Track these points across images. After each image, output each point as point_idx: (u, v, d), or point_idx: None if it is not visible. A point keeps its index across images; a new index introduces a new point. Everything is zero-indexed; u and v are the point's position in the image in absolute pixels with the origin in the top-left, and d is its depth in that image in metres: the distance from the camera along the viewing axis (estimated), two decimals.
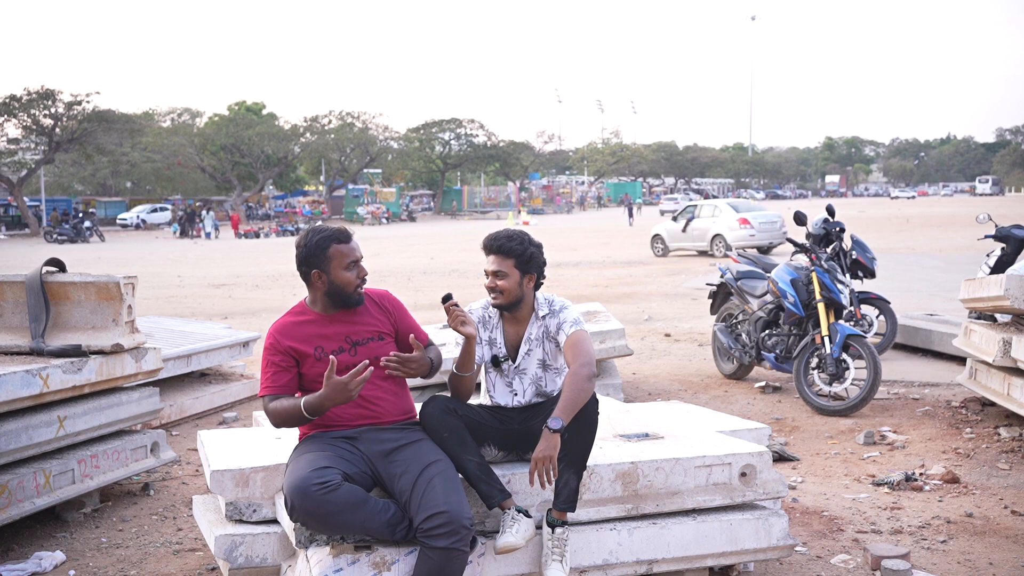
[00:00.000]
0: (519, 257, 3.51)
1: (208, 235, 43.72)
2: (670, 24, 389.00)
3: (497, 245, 3.51)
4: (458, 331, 3.36)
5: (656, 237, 24.85)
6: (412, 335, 3.33)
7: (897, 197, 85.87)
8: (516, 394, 3.58)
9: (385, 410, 3.37)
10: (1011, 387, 5.69)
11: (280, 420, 3.28)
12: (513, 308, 3.55)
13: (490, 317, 3.62)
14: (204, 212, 47.16)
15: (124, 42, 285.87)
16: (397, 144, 68.56)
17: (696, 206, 25.09)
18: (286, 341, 3.32)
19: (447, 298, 3.37)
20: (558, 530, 3.24)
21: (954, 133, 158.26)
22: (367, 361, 3.16)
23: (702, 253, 23.92)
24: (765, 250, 22.72)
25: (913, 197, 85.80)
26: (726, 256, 19.99)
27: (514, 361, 3.57)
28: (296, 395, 3.31)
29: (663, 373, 8.49)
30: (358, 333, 3.36)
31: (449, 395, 3.53)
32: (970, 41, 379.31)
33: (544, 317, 3.56)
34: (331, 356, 3.17)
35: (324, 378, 3.11)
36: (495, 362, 3.57)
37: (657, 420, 4.24)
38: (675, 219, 25.12)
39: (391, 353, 3.29)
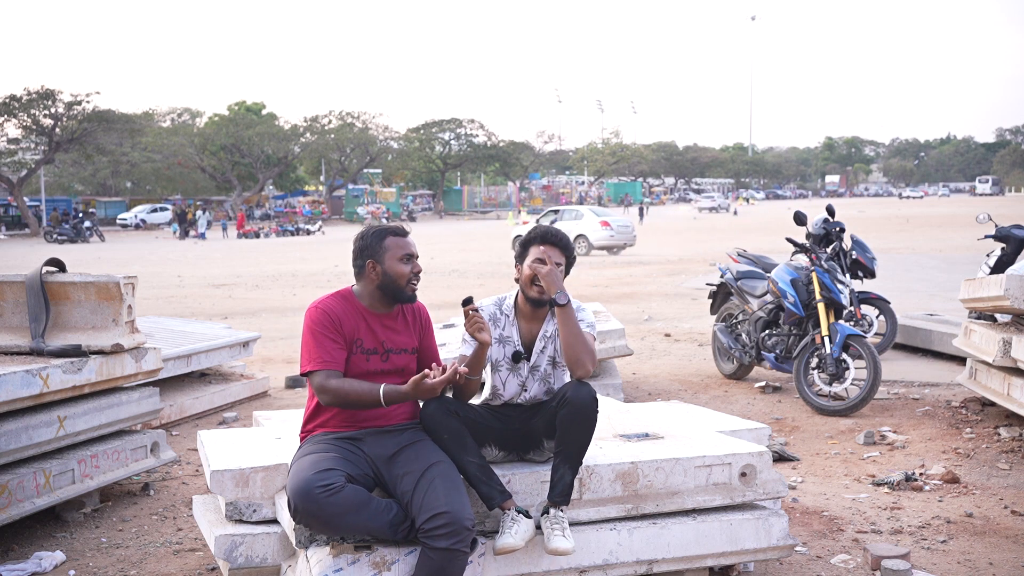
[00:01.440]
0: (570, 255, 3.59)
1: (202, 235, 43.58)
2: (670, 24, 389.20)
3: (561, 240, 3.57)
4: (475, 337, 3.35)
5: (517, 238, 26.74)
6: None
7: (907, 197, 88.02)
8: (526, 390, 3.58)
9: (395, 413, 3.38)
10: (1011, 387, 5.69)
11: (345, 401, 3.25)
12: (546, 304, 3.55)
13: (504, 314, 3.61)
14: (199, 213, 47.06)
15: (124, 42, 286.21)
16: (397, 144, 68.54)
17: (559, 211, 28.47)
18: (339, 319, 3.31)
19: (468, 301, 3.34)
20: (552, 510, 3.24)
21: (954, 133, 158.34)
22: (455, 363, 3.25)
23: None
24: (618, 250, 26.68)
25: (921, 197, 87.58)
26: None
27: (529, 359, 3.58)
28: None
29: (663, 373, 8.48)
30: (393, 342, 3.38)
31: (450, 395, 3.52)
32: (970, 41, 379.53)
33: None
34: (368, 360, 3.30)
35: (412, 382, 3.17)
36: (516, 358, 3.57)
37: (657, 420, 4.24)
38: (538, 222, 28.18)
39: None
